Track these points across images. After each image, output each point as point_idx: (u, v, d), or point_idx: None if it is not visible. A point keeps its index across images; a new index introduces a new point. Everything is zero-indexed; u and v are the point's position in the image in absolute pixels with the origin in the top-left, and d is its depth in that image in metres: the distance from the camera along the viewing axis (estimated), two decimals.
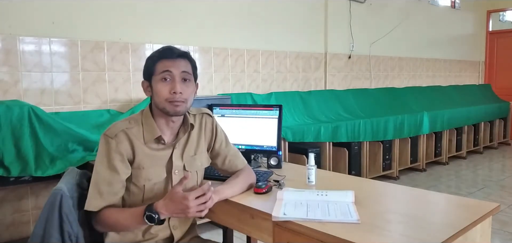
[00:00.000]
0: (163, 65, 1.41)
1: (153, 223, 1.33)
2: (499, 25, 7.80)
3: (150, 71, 1.44)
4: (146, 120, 1.46)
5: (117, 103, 3.22)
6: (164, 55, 1.43)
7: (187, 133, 1.53)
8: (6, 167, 2.42)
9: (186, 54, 1.46)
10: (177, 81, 1.40)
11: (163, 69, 1.40)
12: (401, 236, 1.18)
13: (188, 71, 1.44)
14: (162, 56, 1.43)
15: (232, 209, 1.54)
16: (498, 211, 1.39)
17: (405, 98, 5.72)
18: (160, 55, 1.43)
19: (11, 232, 2.73)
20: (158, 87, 1.41)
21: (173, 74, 1.40)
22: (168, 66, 1.40)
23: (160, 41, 3.38)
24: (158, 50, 1.45)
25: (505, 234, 3.13)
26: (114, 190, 1.40)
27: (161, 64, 1.41)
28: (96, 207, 1.38)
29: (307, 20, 4.67)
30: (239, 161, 1.67)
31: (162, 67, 1.41)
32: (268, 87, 4.31)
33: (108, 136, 1.40)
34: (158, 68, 1.41)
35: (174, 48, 1.45)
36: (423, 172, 5.12)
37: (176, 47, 1.46)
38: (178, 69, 1.41)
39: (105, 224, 1.40)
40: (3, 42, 2.71)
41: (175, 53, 1.43)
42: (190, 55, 1.48)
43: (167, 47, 1.45)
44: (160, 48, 1.46)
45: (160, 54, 1.43)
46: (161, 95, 1.41)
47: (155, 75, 1.42)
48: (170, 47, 1.45)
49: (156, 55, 1.44)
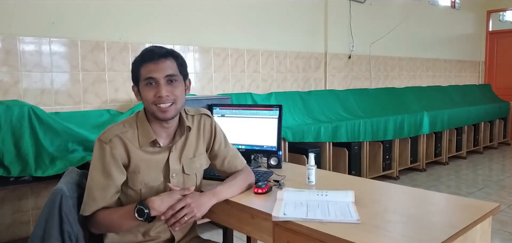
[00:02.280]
0: (146, 70, 1.37)
1: (142, 218, 1.32)
2: (499, 25, 7.79)
3: (136, 76, 1.42)
4: (141, 123, 1.45)
5: (117, 103, 3.22)
6: (145, 58, 1.38)
7: (185, 135, 1.51)
8: (6, 167, 2.42)
9: (169, 53, 1.41)
10: (161, 84, 1.37)
11: (146, 75, 1.37)
12: (401, 236, 1.18)
13: (173, 72, 1.40)
14: (144, 60, 1.39)
15: (232, 209, 1.54)
16: (498, 211, 1.39)
17: (405, 98, 5.72)
18: (142, 59, 1.39)
19: (11, 232, 2.73)
20: (144, 92, 1.39)
21: (156, 78, 1.37)
22: (151, 70, 1.37)
23: (160, 41, 3.38)
24: (141, 53, 1.41)
25: (505, 234, 3.12)
26: (108, 195, 1.39)
27: (144, 69, 1.38)
28: (89, 211, 1.38)
29: (307, 20, 4.67)
30: (238, 162, 1.66)
31: (145, 72, 1.38)
32: (268, 87, 4.31)
33: (102, 141, 1.38)
34: (142, 73, 1.38)
35: (156, 49, 1.40)
36: (423, 172, 5.12)
37: (159, 47, 1.41)
38: (162, 73, 1.37)
39: (101, 225, 1.40)
40: (3, 42, 2.71)
41: (156, 54, 1.38)
42: (174, 53, 1.43)
43: (148, 49, 1.41)
44: (143, 50, 1.42)
45: (142, 58, 1.39)
46: (147, 100, 1.39)
47: (140, 81, 1.40)
48: (152, 49, 1.40)
49: (139, 59, 1.40)
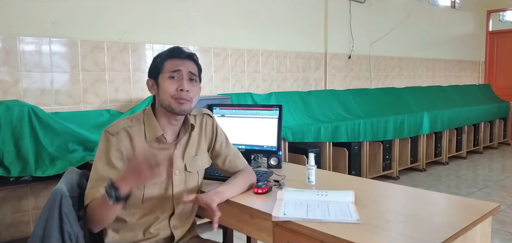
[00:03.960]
0: (172, 64, 1.44)
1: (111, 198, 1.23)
2: (499, 25, 7.79)
3: (157, 68, 1.46)
4: (148, 118, 1.48)
5: (117, 103, 3.22)
6: (173, 54, 1.47)
7: (188, 133, 1.54)
8: (6, 167, 2.42)
9: (193, 56, 1.51)
10: (185, 79, 1.44)
11: (173, 68, 1.44)
12: (401, 236, 1.18)
13: (195, 72, 1.48)
14: (171, 55, 1.47)
15: (232, 209, 1.54)
16: (498, 211, 1.39)
17: (405, 98, 5.72)
18: (170, 54, 1.47)
19: (11, 232, 2.73)
20: (165, 84, 1.44)
21: (181, 72, 1.44)
22: (178, 65, 1.44)
23: (160, 41, 3.39)
24: (168, 49, 1.49)
25: (505, 234, 3.12)
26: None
27: (170, 63, 1.45)
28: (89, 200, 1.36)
29: (307, 20, 4.67)
30: (239, 161, 1.68)
31: (171, 66, 1.44)
32: (268, 87, 4.31)
33: (109, 133, 1.41)
34: (167, 66, 1.45)
35: (183, 48, 1.50)
36: (423, 172, 5.12)
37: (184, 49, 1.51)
38: (186, 68, 1.45)
39: (89, 217, 1.36)
40: (3, 42, 2.71)
41: (184, 53, 1.48)
42: (196, 58, 1.53)
43: (176, 47, 1.50)
44: (170, 47, 1.50)
45: (170, 53, 1.48)
46: (168, 91, 1.43)
47: (163, 73, 1.45)
48: (180, 48, 1.50)
49: (166, 53, 1.48)
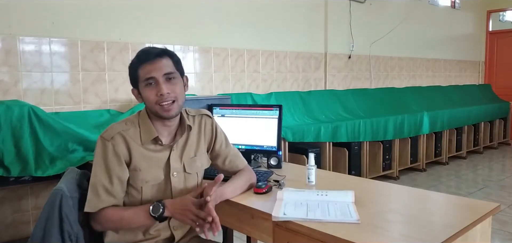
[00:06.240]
0: (144, 71, 1.39)
1: (156, 215, 1.36)
2: (499, 25, 7.79)
3: (134, 79, 1.44)
4: (143, 121, 1.47)
5: (117, 103, 3.22)
6: (142, 59, 1.41)
7: (185, 134, 1.53)
8: (6, 167, 2.42)
9: (164, 51, 1.43)
10: (161, 83, 1.39)
11: (145, 76, 1.39)
12: (401, 236, 1.18)
13: (171, 69, 1.42)
14: (140, 61, 1.41)
15: (232, 209, 1.54)
16: (498, 211, 1.39)
17: (405, 98, 5.72)
18: (139, 60, 1.41)
19: (11, 232, 2.73)
20: (145, 93, 1.41)
21: (155, 77, 1.39)
22: (149, 71, 1.39)
23: (160, 41, 3.38)
24: (136, 55, 1.43)
25: (505, 234, 3.12)
26: (113, 192, 1.40)
27: (142, 70, 1.40)
28: (95, 208, 1.39)
29: (307, 20, 4.67)
30: (239, 161, 1.68)
31: (144, 73, 1.40)
32: (268, 87, 4.31)
33: (104, 138, 1.41)
34: (141, 74, 1.40)
35: (151, 49, 1.42)
36: (423, 172, 5.12)
37: (153, 47, 1.44)
38: (160, 71, 1.39)
39: (107, 222, 1.40)
40: (3, 42, 2.71)
41: (152, 54, 1.40)
42: (169, 51, 1.45)
43: (143, 51, 1.43)
44: (138, 52, 1.44)
45: (138, 59, 1.42)
46: (150, 100, 1.41)
47: (140, 82, 1.42)
48: (146, 50, 1.43)
49: (135, 61, 1.43)
